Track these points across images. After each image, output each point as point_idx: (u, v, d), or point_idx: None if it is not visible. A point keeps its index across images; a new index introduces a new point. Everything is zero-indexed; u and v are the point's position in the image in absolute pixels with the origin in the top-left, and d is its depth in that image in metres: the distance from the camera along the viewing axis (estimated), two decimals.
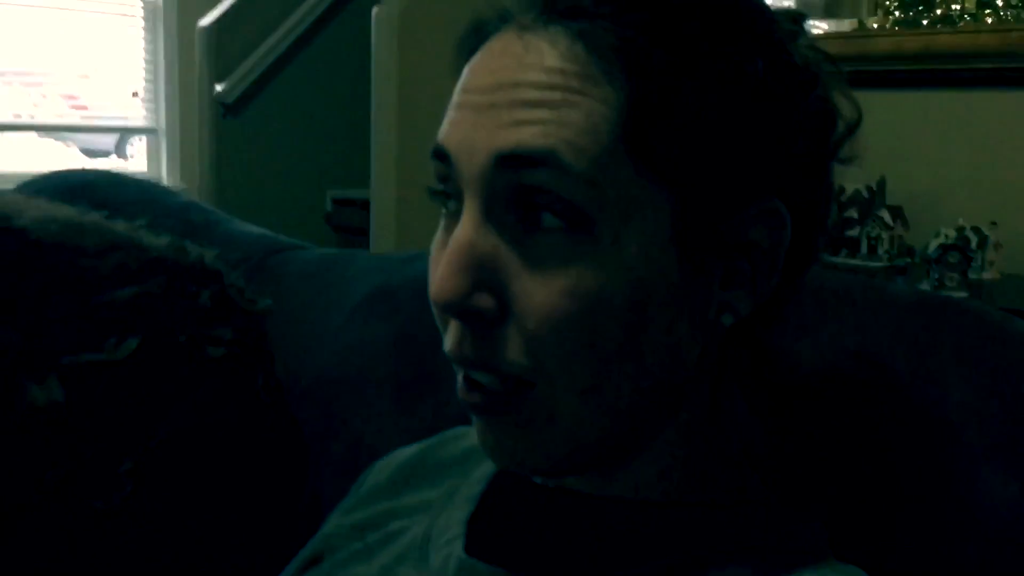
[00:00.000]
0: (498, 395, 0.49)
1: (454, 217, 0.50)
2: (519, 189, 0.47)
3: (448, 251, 0.47)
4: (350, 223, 3.64)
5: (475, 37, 0.53)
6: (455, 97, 0.51)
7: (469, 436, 0.68)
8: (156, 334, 0.82)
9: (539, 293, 0.46)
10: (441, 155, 0.50)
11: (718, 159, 0.47)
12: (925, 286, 1.72)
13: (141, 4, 4.12)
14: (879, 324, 0.65)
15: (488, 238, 0.48)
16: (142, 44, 4.16)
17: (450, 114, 0.51)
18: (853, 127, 0.52)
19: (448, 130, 0.50)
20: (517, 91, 0.47)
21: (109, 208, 1.05)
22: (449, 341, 0.50)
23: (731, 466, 0.55)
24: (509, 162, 0.47)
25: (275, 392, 0.89)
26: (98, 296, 0.82)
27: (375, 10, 2.74)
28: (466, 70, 0.51)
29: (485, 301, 0.47)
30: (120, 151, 5.98)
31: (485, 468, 0.61)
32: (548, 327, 0.46)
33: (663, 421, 0.52)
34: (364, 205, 3.04)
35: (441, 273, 0.47)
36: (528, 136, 0.46)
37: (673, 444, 0.52)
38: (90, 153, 5.70)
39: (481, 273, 0.47)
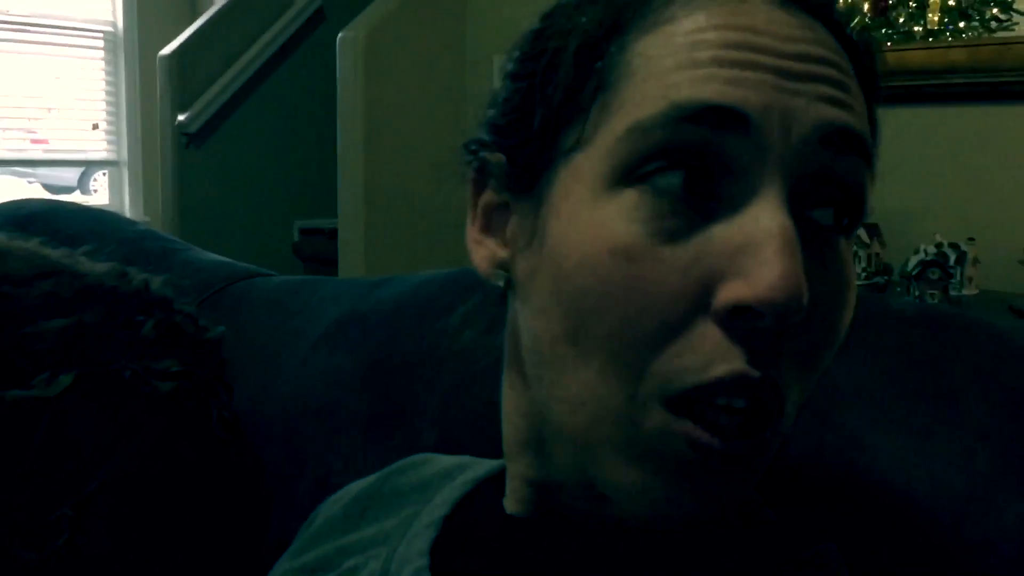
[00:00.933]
0: (751, 419, 0.40)
1: (698, 211, 0.40)
2: (823, 176, 0.41)
3: (780, 242, 0.38)
4: (318, 253, 3.59)
5: (628, 15, 0.44)
6: (710, 50, 0.40)
7: (432, 463, 0.63)
8: (94, 368, 0.75)
9: (833, 293, 0.41)
10: (731, 118, 0.40)
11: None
12: None
13: (101, 35, 4.07)
14: (886, 339, 0.61)
15: (792, 225, 0.39)
16: (102, 76, 4.11)
17: (718, 72, 0.40)
18: None
19: (735, 90, 0.40)
20: (825, 67, 0.41)
21: (62, 238, 1.00)
22: (732, 360, 0.39)
23: None
24: (834, 139, 0.41)
25: (232, 427, 0.83)
26: (25, 327, 0.76)
27: (340, 36, 2.71)
28: (712, 16, 0.42)
29: (807, 299, 0.38)
30: (83, 186, 5.91)
31: (448, 492, 0.56)
32: (836, 333, 0.42)
33: None
34: (332, 234, 3.00)
35: (787, 269, 0.37)
36: (851, 117, 0.42)
37: None
38: (52, 189, 5.63)
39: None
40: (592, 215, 0.41)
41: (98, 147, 4.20)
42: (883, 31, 2.21)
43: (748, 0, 0.43)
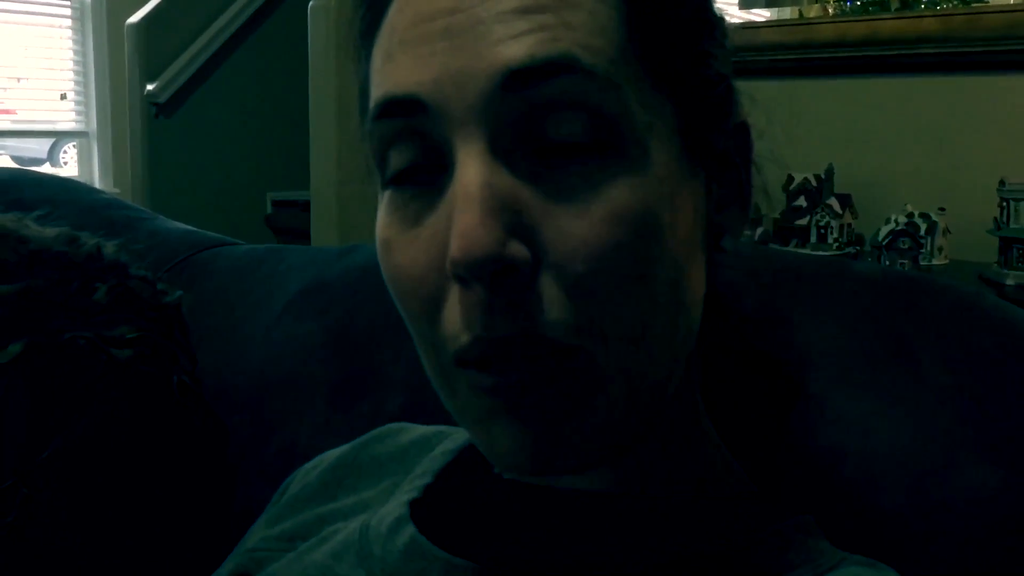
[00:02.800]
0: (540, 369, 0.40)
1: (426, 178, 0.42)
2: (531, 113, 0.40)
3: (465, 199, 0.39)
4: (291, 225, 3.57)
5: None
6: (402, 29, 0.42)
7: (408, 431, 0.63)
8: (45, 336, 0.73)
9: (578, 228, 0.39)
10: (407, 106, 0.41)
11: (705, 65, 0.44)
12: None
13: (68, 4, 4.00)
14: (846, 304, 0.61)
15: (503, 176, 0.40)
16: (70, 45, 4.05)
17: (401, 53, 0.42)
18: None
19: (407, 72, 0.41)
20: (500, 1, 0.40)
21: (25, 206, 0.98)
22: (472, 322, 0.40)
23: (714, 453, 0.50)
24: (520, 78, 0.39)
25: (193, 393, 0.82)
26: None
27: (311, 4, 2.67)
28: (397, 8, 0.43)
29: (520, 251, 0.39)
30: (52, 157, 5.84)
31: (428, 463, 0.56)
32: (594, 270, 0.39)
33: (680, 382, 0.46)
34: (305, 207, 2.97)
35: (466, 224, 0.38)
36: (535, 45, 0.39)
37: (664, 436, 0.47)
38: (21, 160, 5.56)
39: (509, 217, 0.39)
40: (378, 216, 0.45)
41: (67, 118, 4.14)
42: (858, 1, 2.22)
43: None
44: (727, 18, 0.49)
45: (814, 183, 2.03)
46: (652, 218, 0.40)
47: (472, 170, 0.40)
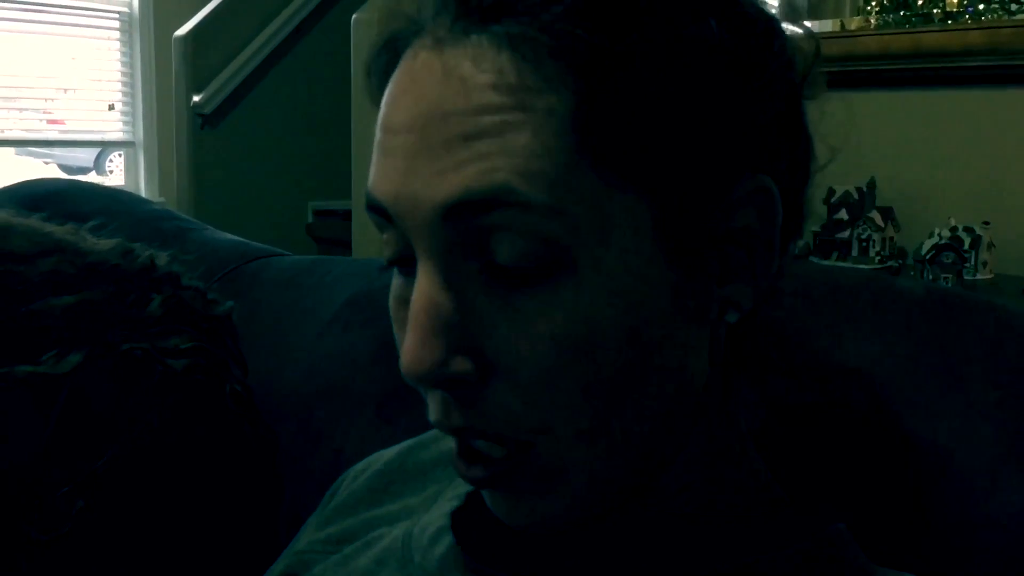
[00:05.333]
0: (501, 462, 0.43)
1: (408, 269, 0.44)
2: (476, 234, 0.41)
3: (411, 317, 0.41)
4: (332, 235, 3.60)
5: (388, 53, 0.46)
6: (378, 134, 0.44)
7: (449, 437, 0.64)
8: (103, 347, 0.75)
9: (522, 345, 0.41)
10: (377, 209, 0.44)
11: (690, 144, 0.41)
12: None
13: (116, 16, 4.08)
14: (892, 322, 0.61)
15: (452, 294, 0.41)
16: (118, 56, 4.12)
17: (376, 158, 0.44)
18: (814, 59, 0.46)
19: (378, 180, 0.43)
20: (448, 125, 0.40)
21: (78, 218, 1.00)
22: (434, 412, 0.44)
23: (749, 468, 0.51)
24: (458, 211, 0.40)
25: (244, 401, 0.83)
26: (29, 305, 0.76)
27: (354, 16, 2.70)
28: (385, 99, 0.44)
29: (463, 365, 0.41)
30: (99, 166, 5.94)
31: None
32: (540, 380, 0.41)
33: (683, 440, 0.47)
34: (346, 216, 3.00)
35: (409, 344, 0.41)
36: (473, 177, 0.40)
37: (694, 459, 0.48)
38: (69, 169, 5.66)
39: (453, 335, 0.41)
40: None
41: (114, 128, 4.21)
42: (901, 13, 2.20)
43: (419, 54, 0.43)
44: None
45: (856, 196, 2.02)
46: (601, 331, 0.41)
47: (421, 287, 0.42)
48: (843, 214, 2.00)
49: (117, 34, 4.11)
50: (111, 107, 4.18)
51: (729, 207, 0.43)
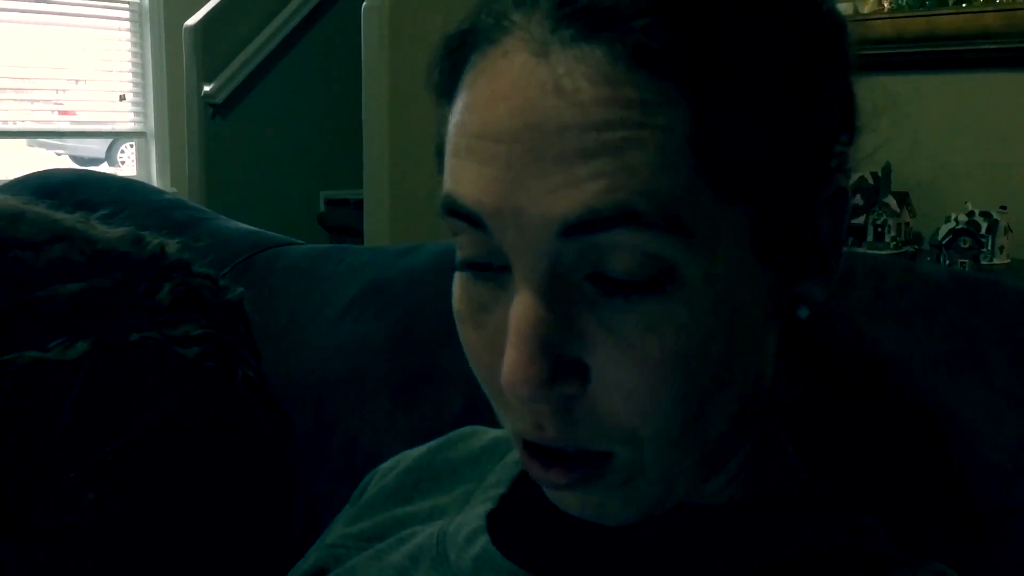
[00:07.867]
0: (582, 469, 0.43)
1: (489, 274, 0.43)
2: (589, 251, 0.40)
3: (514, 332, 0.40)
4: (344, 224, 3.60)
5: (462, 46, 0.43)
6: (463, 139, 0.42)
7: (480, 435, 0.64)
8: (112, 336, 0.74)
9: (627, 360, 0.40)
10: (471, 219, 0.41)
11: (791, 151, 0.41)
12: None
13: (127, 6, 4.08)
14: (913, 306, 0.60)
15: (557, 309, 0.40)
16: (128, 47, 4.12)
17: (465, 163, 0.41)
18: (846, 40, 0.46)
19: (470, 187, 0.41)
20: (563, 140, 0.38)
21: (90, 207, 1.00)
22: (525, 424, 0.43)
23: (785, 459, 0.51)
24: (577, 230, 0.39)
25: (257, 387, 0.83)
26: (37, 291, 0.75)
27: (365, 5, 2.69)
28: (474, 100, 0.42)
29: (570, 386, 0.41)
30: (111, 157, 5.95)
31: (501, 471, 0.58)
32: (640, 393, 0.41)
33: (749, 436, 0.48)
34: (358, 205, 3.00)
35: (514, 361, 0.40)
36: (593, 195, 0.38)
37: (747, 452, 0.48)
38: (80, 160, 5.68)
39: (558, 351, 0.40)
40: None
41: (125, 118, 4.21)
42: None
43: (512, 56, 0.40)
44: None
45: (871, 181, 2.01)
46: (706, 344, 0.41)
47: (524, 305, 0.40)
48: (858, 199, 1.99)
49: (128, 24, 4.11)
50: (122, 97, 4.18)
51: (813, 212, 0.44)
